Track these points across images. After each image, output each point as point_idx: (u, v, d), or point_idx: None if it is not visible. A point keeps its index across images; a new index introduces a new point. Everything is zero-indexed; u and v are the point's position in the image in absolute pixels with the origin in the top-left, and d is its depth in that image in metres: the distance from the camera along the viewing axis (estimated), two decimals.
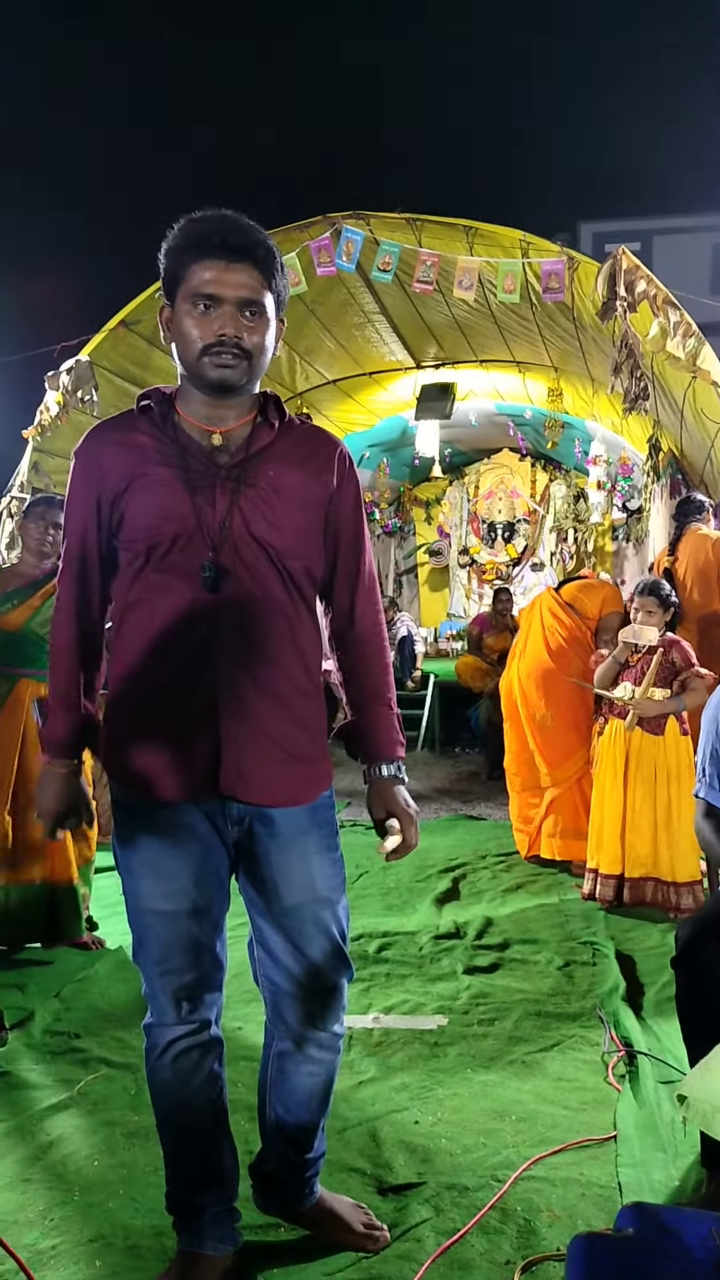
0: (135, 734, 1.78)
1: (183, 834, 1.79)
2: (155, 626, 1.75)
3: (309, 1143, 1.99)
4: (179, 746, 1.75)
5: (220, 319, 1.69)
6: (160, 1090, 1.89)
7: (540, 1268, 1.95)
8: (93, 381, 6.37)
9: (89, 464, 1.80)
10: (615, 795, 4.34)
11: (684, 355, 5.00)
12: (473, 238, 6.04)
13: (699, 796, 2.40)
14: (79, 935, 3.91)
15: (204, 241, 1.68)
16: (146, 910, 1.81)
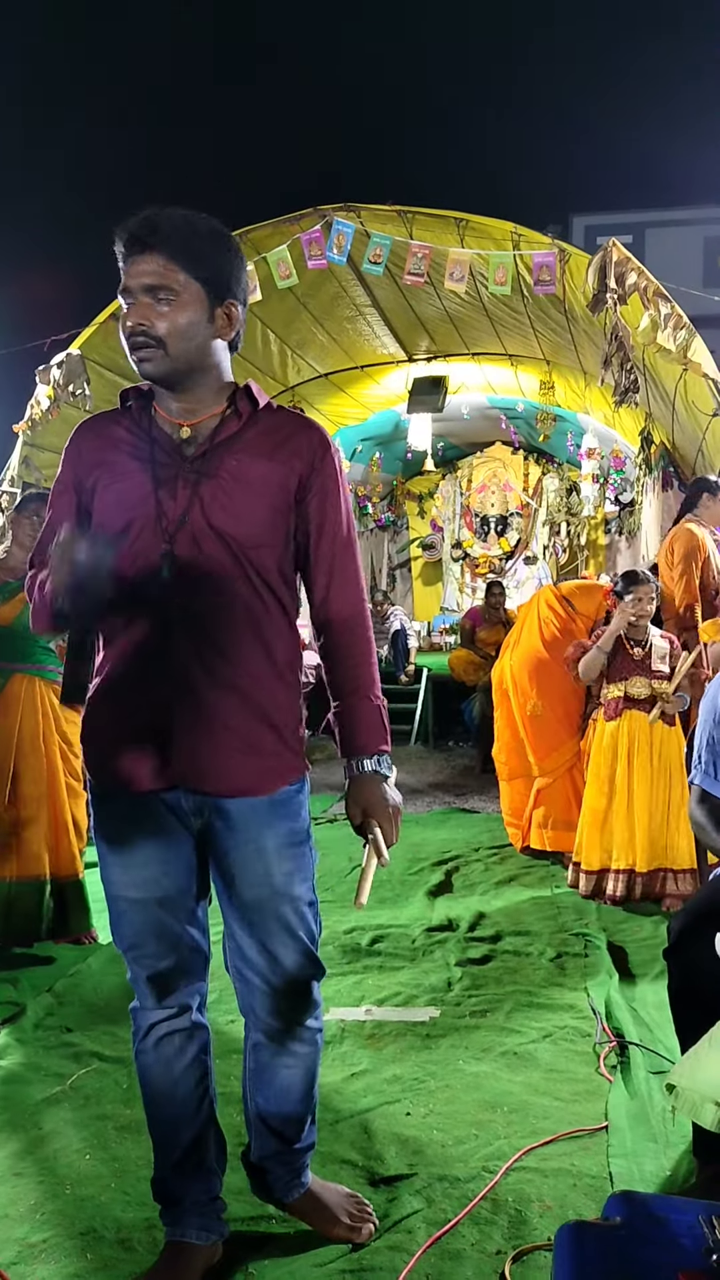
0: (104, 725, 1.82)
1: (148, 824, 1.80)
2: (121, 620, 1.78)
3: (294, 1134, 1.98)
4: (138, 737, 1.77)
5: (131, 311, 1.69)
6: (145, 1074, 1.92)
7: (531, 1258, 1.96)
8: (84, 375, 6.34)
9: (72, 453, 1.85)
10: (639, 790, 4.33)
11: (675, 347, 5.00)
12: (464, 230, 6.03)
13: (694, 784, 2.41)
14: (89, 929, 3.92)
15: (118, 240, 1.70)
16: (119, 897, 1.84)
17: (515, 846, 5.32)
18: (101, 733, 1.82)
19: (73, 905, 3.87)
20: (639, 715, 4.39)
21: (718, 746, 2.35)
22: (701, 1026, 1.87)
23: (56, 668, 3.93)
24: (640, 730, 4.38)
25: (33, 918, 3.76)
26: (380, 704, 1.90)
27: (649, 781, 4.33)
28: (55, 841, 3.84)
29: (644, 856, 4.28)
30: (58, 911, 3.83)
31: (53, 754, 3.86)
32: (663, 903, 4.26)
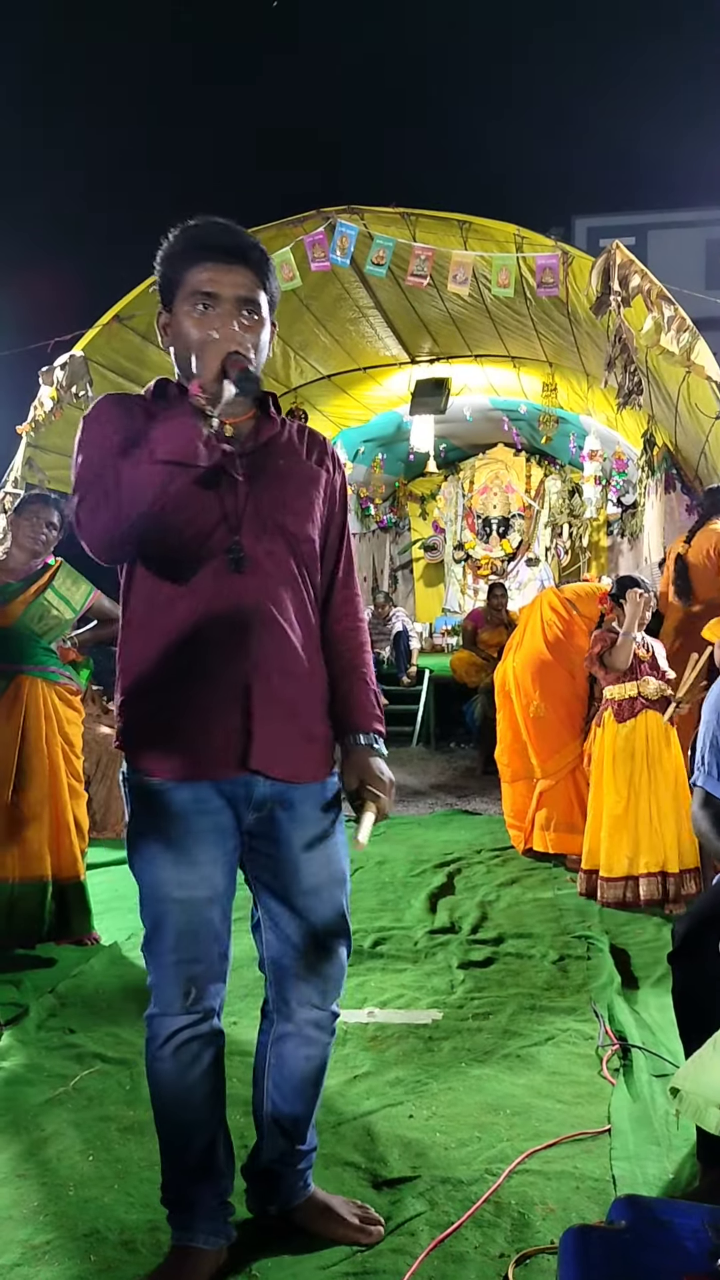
0: (163, 717, 1.80)
1: (204, 819, 1.81)
2: (184, 610, 1.78)
3: (302, 1134, 2.00)
4: (211, 727, 1.78)
5: (218, 319, 1.74)
6: (159, 1081, 1.89)
7: (534, 1261, 1.95)
8: (87, 377, 6.35)
9: (118, 414, 1.78)
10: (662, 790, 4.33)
11: (678, 350, 4.99)
12: (467, 232, 6.03)
13: (697, 785, 2.40)
14: (90, 930, 3.92)
15: (200, 245, 1.74)
16: (166, 897, 1.81)
17: (517, 849, 5.32)
18: (159, 724, 1.80)
19: (74, 907, 3.88)
20: (655, 715, 4.38)
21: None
22: (706, 1030, 1.87)
23: (59, 669, 3.93)
24: (656, 730, 4.37)
25: (35, 919, 3.77)
26: (375, 689, 1.99)
27: (670, 781, 4.32)
28: (57, 843, 3.85)
29: (674, 856, 4.26)
30: (59, 913, 3.83)
31: (55, 755, 3.86)
32: (665, 906, 4.25)
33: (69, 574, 3.97)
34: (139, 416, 1.78)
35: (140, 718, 1.82)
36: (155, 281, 1.81)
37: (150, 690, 1.80)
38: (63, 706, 3.93)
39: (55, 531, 3.91)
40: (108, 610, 4.10)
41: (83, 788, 4.04)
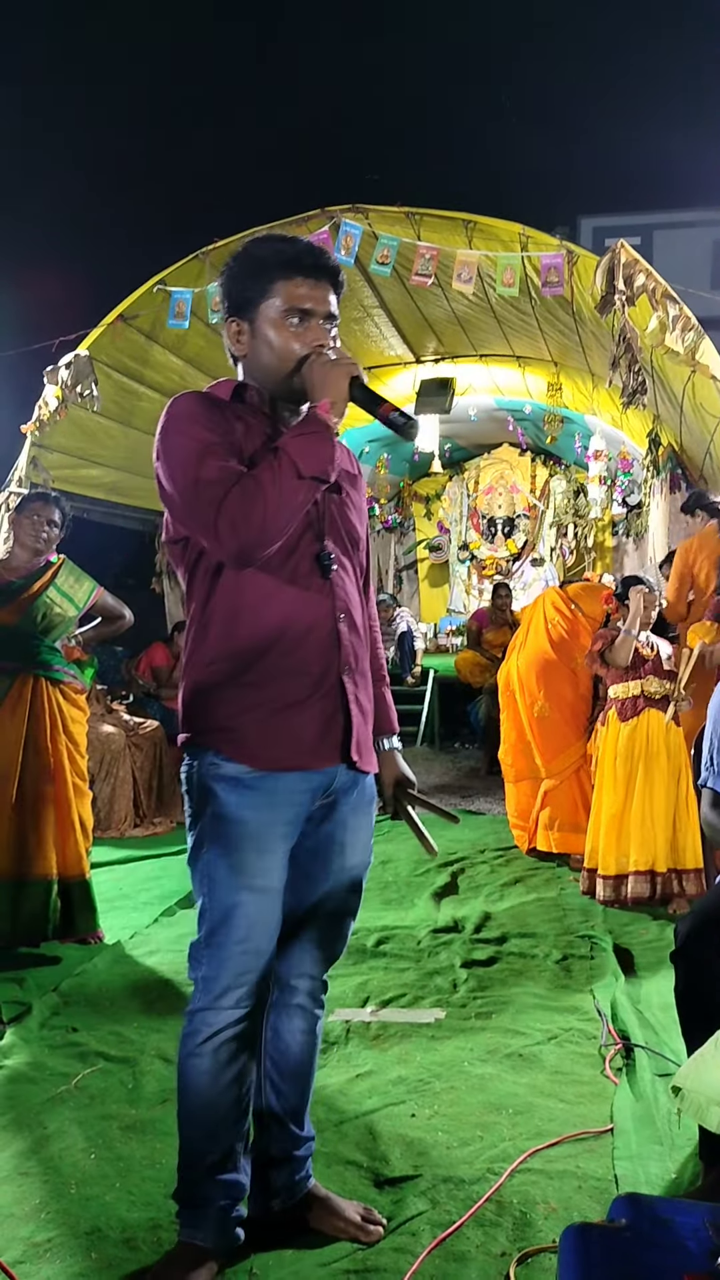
0: (259, 711, 1.84)
1: (288, 810, 1.87)
2: (278, 609, 1.84)
3: (303, 1117, 2.05)
4: (311, 721, 1.87)
5: (314, 332, 1.83)
6: (192, 1079, 1.88)
7: (536, 1260, 1.95)
8: (92, 376, 6.35)
9: (215, 415, 1.83)
10: (658, 789, 4.32)
11: (683, 349, 4.99)
12: (472, 231, 6.03)
13: (706, 786, 2.40)
14: (95, 928, 3.92)
15: (294, 262, 1.83)
16: (243, 886, 1.84)
17: (521, 848, 5.32)
18: (257, 716, 1.84)
19: (79, 905, 3.88)
20: (657, 714, 4.37)
21: None
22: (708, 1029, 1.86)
23: (63, 667, 3.93)
24: (656, 730, 4.36)
25: (39, 917, 3.77)
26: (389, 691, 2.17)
27: (667, 780, 4.32)
28: (62, 841, 3.85)
29: (664, 856, 4.27)
30: (64, 911, 3.84)
31: (59, 754, 3.86)
32: (669, 904, 4.25)
33: (71, 571, 3.97)
34: (229, 419, 1.84)
35: (232, 712, 1.84)
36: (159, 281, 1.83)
37: (245, 686, 1.84)
38: (67, 705, 3.93)
39: (57, 529, 3.91)
40: (111, 607, 4.11)
41: (87, 786, 4.05)
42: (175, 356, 7.38)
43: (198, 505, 1.73)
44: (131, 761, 6.32)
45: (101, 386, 6.50)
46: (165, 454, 1.81)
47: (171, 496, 1.81)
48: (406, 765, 2.15)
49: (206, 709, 1.86)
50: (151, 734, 6.53)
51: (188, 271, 6.52)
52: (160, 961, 3.72)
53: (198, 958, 1.89)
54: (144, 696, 7.77)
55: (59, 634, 3.91)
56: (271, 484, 1.71)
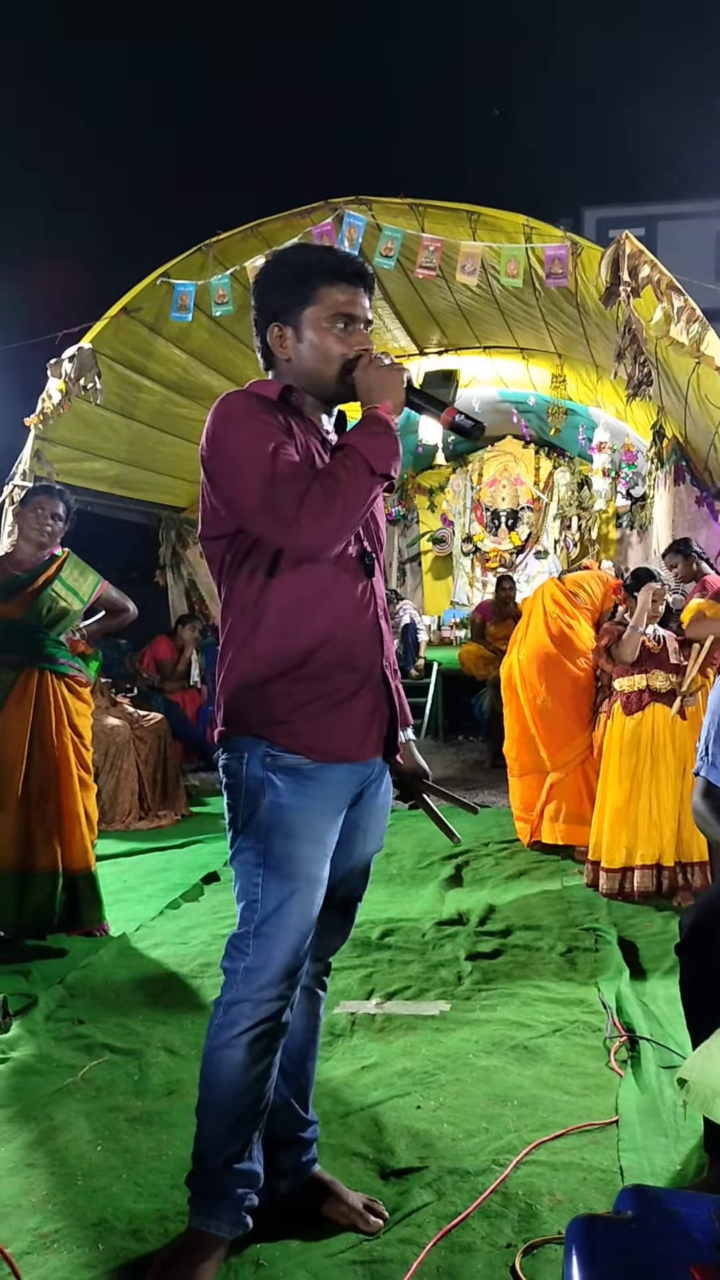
0: (317, 705, 1.88)
1: (340, 800, 1.94)
2: (333, 605, 1.89)
3: (307, 1100, 2.09)
4: (361, 714, 1.93)
5: (358, 337, 1.92)
6: (224, 1070, 1.88)
7: (541, 1251, 1.96)
8: (95, 369, 6.35)
9: (269, 417, 1.86)
10: (664, 783, 4.32)
11: (688, 341, 4.98)
12: (475, 223, 6.02)
13: (699, 775, 2.40)
14: (101, 921, 3.93)
15: (339, 270, 1.90)
16: (299, 874, 1.87)
17: (523, 841, 5.32)
18: (315, 709, 1.88)
19: (85, 898, 3.88)
20: (663, 709, 4.37)
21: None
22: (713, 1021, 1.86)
23: (68, 660, 3.93)
24: (663, 723, 4.35)
25: (45, 910, 3.78)
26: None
27: (674, 775, 4.31)
28: (68, 834, 3.85)
29: (670, 850, 4.26)
30: (69, 904, 3.84)
31: (65, 747, 3.87)
32: (674, 897, 4.25)
33: (76, 565, 3.97)
34: (282, 418, 1.88)
35: (291, 706, 1.87)
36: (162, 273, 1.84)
37: (302, 680, 1.87)
38: (72, 698, 3.94)
39: (61, 523, 3.90)
40: (115, 601, 4.11)
41: (92, 779, 4.05)
42: (178, 349, 7.38)
43: (278, 499, 1.75)
44: (136, 754, 6.32)
45: (105, 379, 6.50)
46: (229, 449, 1.83)
47: (238, 491, 1.81)
48: (420, 757, 2.20)
49: (262, 702, 1.88)
50: (156, 727, 6.53)
51: (191, 264, 6.52)
52: (165, 954, 3.73)
53: (241, 948, 1.88)
54: (148, 689, 7.78)
55: (64, 627, 3.91)
56: (348, 480, 1.77)
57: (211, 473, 1.86)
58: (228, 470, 1.83)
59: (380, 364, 1.88)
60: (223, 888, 4.70)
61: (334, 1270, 1.91)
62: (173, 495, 9.49)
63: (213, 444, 1.86)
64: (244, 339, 7.44)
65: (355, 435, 1.84)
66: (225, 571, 1.92)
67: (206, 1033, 1.91)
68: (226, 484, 1.83)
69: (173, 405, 7.99)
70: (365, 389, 1.88)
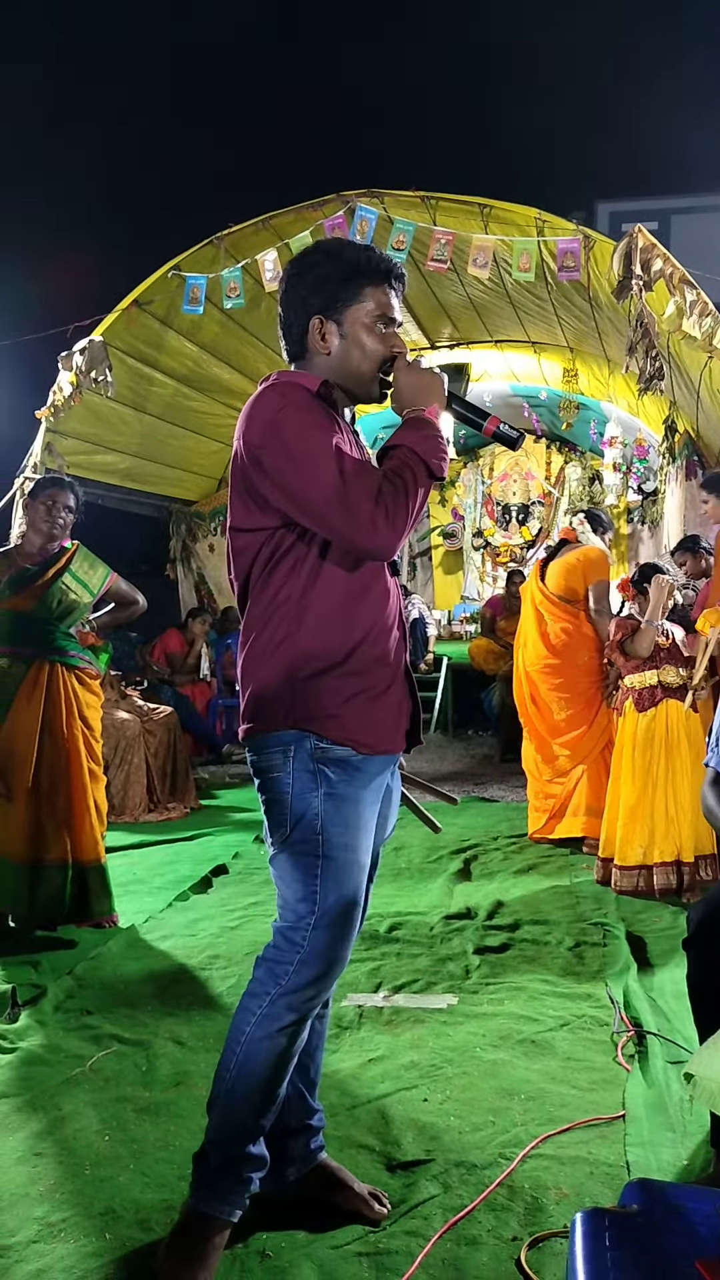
0: (361, 696, 1.92)
1: (379, 790, 2.00)
2: (372, 602, 1.94)
3: (315, 1088, 2.12)
4: (395, 706, 1.98)
5: (396, 338, 1.98)
6: (260, 1061, 1.88)
7: (547, 1244, 1.96)
8: (106, 362, 6.35)
9: (322, 414, 1.88)
10: (679, 779, 4.31)
11: (700, 335, 4.95)
12: (487, 216, 6.00)
13: (709, 766, 2.40)
14: (111, 912, 3.94)
15: (384, 272, 1.96)
16: (356, 864, 1.91)
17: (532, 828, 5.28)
18: (360, 704, 1.91)
19: (94, 889, 3.90)
20: (675, 704, 4.35)
21: None
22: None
23: (78, 653, 3.94)
24: (676, 719, 4.33)
25: (55, 901, 3.79)
26: None
27: (689, 770, 4.29)
28: (77, 826, 3.86)
29: (690, 846, 4.25)
30: (79, 895, 3.86)
31: (75, 739, 3.88)
32: (682, 894, 4.24)
33: (86, 557, 3.97)
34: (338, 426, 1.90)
35: (338, 700, 1.90)
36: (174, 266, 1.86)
37: (347, 674, 1.90)
38: (82, 691, 3.95)
39: (71, 515, 3.91)
40: (124, 593, 4.11)
41: (102, 771, 4.06)
42: (190, 342, 7.38)
43: (351, 498, 1.76)
44: (145, 747, 6.34)
45: (116, 372, 6.50)
46: (294, 440, 1.81)
47: (307, 484, 1.79)
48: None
49: (311, 696, 1.88)
50: (166, 719, 6.55)
51: (202, 257, 6.51)
52: (174, 946, 3.74)
53: (295, 940, 1.89)
54: (158, 682, 7.80)
55: (74, 620, 3.91)
56: (413, 481, 1.81)
57: (269, 464, 1.82)
58: (293, 463, 1.80)
59: (419, 367, 1.93)
60: (231, 880, 4.71)
61: (340, 1262, 1.92)
62: (183, 488, 9.50)
63: (270, 434, 1.82)
64: (255, 332, 7.44)
65: (410, 437, 1.86)
66: (261, 565, 1.90)
67: (242, 1021, 1.90)
68: (293, 477, 1.80)
69: (184, 398, 7.99)
70: (407, 390, 1.91)
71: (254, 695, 1.92)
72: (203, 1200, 1.90)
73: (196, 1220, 1.89)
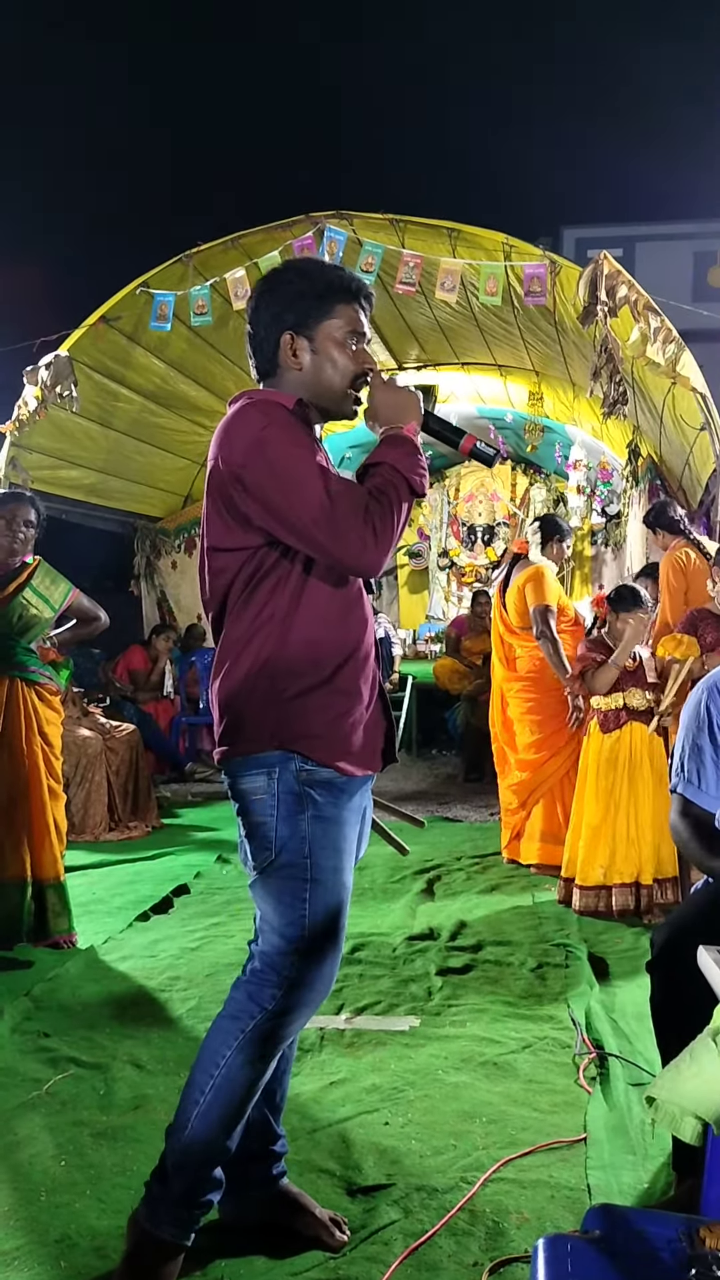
0: (344, 716, 1.92)
1: (360, 810, 2.00)
2: (354, 621, 1.94)
3: (279, 1113, 2.10)
4: (373, 726, 1.98)
5: (365, 355, 1.99)
6: (245, 1082, 1.87)
7: (508, 1270, 1.95)
8: (72, 377, 6.32)
9: (302, 433, 1.88)
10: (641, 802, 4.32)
11: (664, 361, 5.02)
12: (455, 240, 6.04)
13: (675, 792, 2.40)
14: (70, 931, 3.90)
15: (354, 291, 1.98)
16: (343, 886, 1.91)
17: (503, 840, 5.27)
18: (344, 724, 1.91)
19: (53, 907, 3.85)
20: (640, 726, 4.37)
21: (702, 755, 2.34)
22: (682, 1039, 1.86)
23: (39, 669, 3.90)
24: (640, 741, 4.36)
25: (14, 920, 3.75)
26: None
27: (651, 792, 4.32)
28: (37, 843, 3.82)
29: (649, 868, 4.27)
30: (38, 913, 3.81)
31: (35, 755, 3.84)
32: (643, 916, 4.25)
33: (47, 573, 3.94)
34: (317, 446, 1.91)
35: (323, 719, 1.89)
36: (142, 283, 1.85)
37: (331, 694, 1.90)
38: (42, 707, 3.91)
39: (33, 529, 3.88)
40: (86, 609, 4.08)
41: (62, 789, 4.02)
42: (157, 359, 7.36)
43: (338, 516, 1.76)
44: (107, 765, 6.28)
45: (82, 388, 6.47)
46: (278, 459, 1.80)
47: (293, 503, 1.78)
48: None
49: (295, 715, 1.87)
50: (128, 738, 6.49)
51: (171, 274, 6.51)
52: (134, 967, 3.69)
53: (279, 966, 1.87)
54: (121, 699, 7.74)
55: (34, 635, 3.88)
56: (396, 498, 1.82)
57: (252, 483, 1.80)
58: (278, 482, 1.79)
59: (395, 384, 1.95)
60: (193, 900, 4.67)
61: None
62: (149, 505, 9.46)
63: (254, 453, 1.81)
64: (223, 350, 7.44)
65: (391, 454, 1.87)
66: (243, 584, 1.88)
67: (220, 1044, 1.87)
68: (279, 496, 1.79)
69: (150, 415, 7.97)
70: (385, 408, 1.93)
71: (234, 716, 1.89)
72: (159, 1225, 1.86)
73: (152, 1246, 1.86)
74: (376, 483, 1.83)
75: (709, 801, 2.31)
